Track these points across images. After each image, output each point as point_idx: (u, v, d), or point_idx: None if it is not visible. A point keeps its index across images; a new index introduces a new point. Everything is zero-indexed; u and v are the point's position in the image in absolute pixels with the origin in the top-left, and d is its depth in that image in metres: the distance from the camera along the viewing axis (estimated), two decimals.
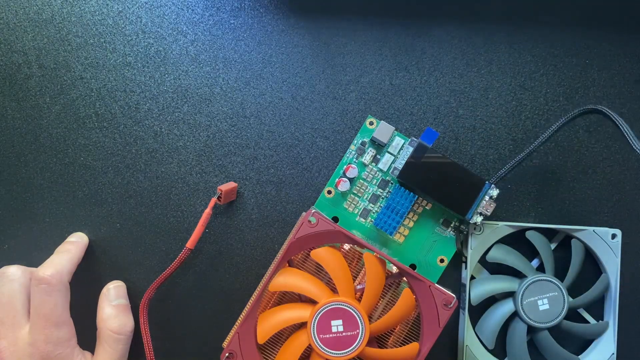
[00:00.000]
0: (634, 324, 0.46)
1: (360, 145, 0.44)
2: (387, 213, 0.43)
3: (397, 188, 0.43)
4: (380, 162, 0.44)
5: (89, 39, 0.45)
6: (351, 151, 0.45)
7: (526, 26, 0.46)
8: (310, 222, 0.39)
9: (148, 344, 0.42)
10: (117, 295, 0.43)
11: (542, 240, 0.43)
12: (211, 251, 0.45)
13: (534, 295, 0.43)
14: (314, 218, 0.39)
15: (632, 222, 0.46)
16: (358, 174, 0.44)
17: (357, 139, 0.45)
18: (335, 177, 0.44)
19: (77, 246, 0.43)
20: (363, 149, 0.44)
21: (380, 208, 0.44)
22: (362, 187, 0.44)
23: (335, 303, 0.38)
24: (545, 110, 0.45)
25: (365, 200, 0.44)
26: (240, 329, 0.40)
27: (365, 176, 0.44)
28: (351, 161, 0.44)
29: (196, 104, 0.45)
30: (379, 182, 0.44)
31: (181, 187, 0.45)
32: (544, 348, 0.44)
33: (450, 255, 0.44)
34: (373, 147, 0.44)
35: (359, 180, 0.44)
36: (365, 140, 0.44)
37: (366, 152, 0.44)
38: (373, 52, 0.45)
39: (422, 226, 0.44)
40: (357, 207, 0.44)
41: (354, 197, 0.44)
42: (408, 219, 0.44)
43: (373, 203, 0.44)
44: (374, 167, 0.44)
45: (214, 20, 0.45)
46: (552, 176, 0.46)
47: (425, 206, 0.44)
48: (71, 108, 0.45)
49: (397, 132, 0.44)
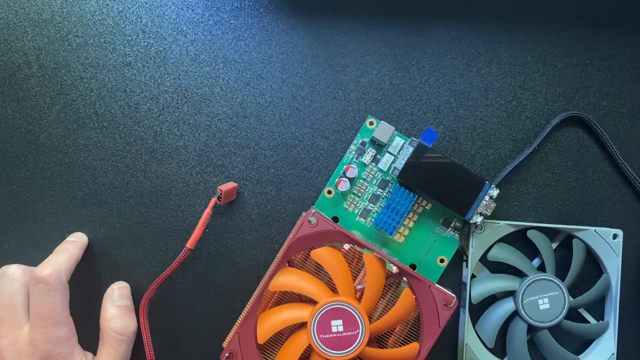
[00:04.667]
0: (634, 325, 0.46)
1: (360, 145, 0.44)
2: (387, 213, 0.43)
3: (397, 188, 0.43)
4: (380, 162, 0.44)
5: (89, 39, 0.45)
6: (351, 151, 0.45)
7: (526, 26, 0.46)
8: (310, 222, 0.39)
9: (148, 344, 0.42)
10: (121, 296, 0.43)
11: (543, 239, 0.43)
12: (211, 251, 0.45)
13: (535, 295, 0.43)
14: (314, 218, 0.39)
15: (633, 222, 0.45)
16: (358, 174, 0.44)
17: (357, 139, 0.45)
18: (336, 177, 0.44)
19: (76, 246, 0.43)
20: (363, 149, 0.44)
21: (380, 208, 0.44)
22: (362, 187, 0.44)
23: (335, 303, 0.38)
24: (545, 110, 0.45)
25: (365, 200, 0.44)
26: (240, 329, 0.39)
27: (365, 176, 0.44)
28: (351, 161, 0.44)
29: (196, 104, 0.45)
30: (379, 182, 0.44)
31: (181, 187, 0.45)
32: (544, 347, 0.44)
33: (451, 255, 0.44)
34: (373, 147, 0.44)
35: (359, 180, 0.44)
36: (365, 140, 0.44)
37: (366, 152, 0.44)
38: (373, 52, 0.45)
39: (422, 226, 0.44)
40: (357, 207, 0.44)
41: (354, 197, 0.44)
42: (408, 219, 0.44)
43: (373, 203, 0.44)
44: (374, 167, 0.44)
45: (214, 20, 0.45)
46: (552, 176, 0.46)
47: (425, 206, 0.44)
48: (71, 108, 0.45)
49: (397, 132, 0.44)
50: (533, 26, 0.46)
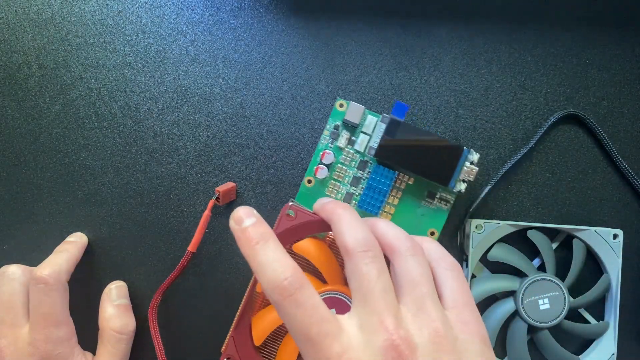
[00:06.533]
0: (634, 325, 0.46)
1: (333, 129, 0.44)
2: (369, 194, 0.42)
3: (376, 167, 0.43)
4: (356, 144, 0.43)
5: (89, 39, 0.45)
6: (325, 137, 0.44)
7: (526, 26, 0.46)
8: (289, 216, 0.38)
9: (159, 348, 0.41)
10: (119, 295, 0.43)
11: (543, 239, 0.43)
12: (211, 251, 0.45)
13: (535, 295, 0.42)
14: (292, 211, 0.38)
15: (633, 222, 0.45)
16: (335, 158, 0.44)
17: (329, 124, 0.44)
18: (314, 166, 0.44)
19: (76, 246, 0.43)
20: (337, 133, 0.44)
21: (362, 190, 0.44)
22: (342, 172, 0.44)
23: (325, 293, 0.38)
24: (546, 110, 0.45)
25: (346, 184, 0.44)
26: (234, 333, 0.39)
27: (343, 160, 0.44)
28: (326, 147, 0.44)
29: (196, 104, 0.45)
30: (358, 163, 0.44)
31: (181, 187, 0.45)
32: (544, 348, 0.44)
33: (440, 227, 0.44)
34: (347, 130, 0.44)
35: (337, 164, 0.44)
36: (338, 123, 0.44)
37: (340, 136, 0.44)
38: (373, 52, 0.45)
39: (407, 202, 0.44)
40: (340, 192, 0.44)
41: (335, 183, 0.44)
42: (392, 196, 0.44)
43: (355, 186, 0.44)
44: (351, 150, 0.44)
45: (214, 20, 0.45)
46: (552, 176, 0.45)
47: (408, 181, 0.44)
48: (71, 108, 0.45)
49: (368, 111, 0.43)
50: (533, 26, 0.46)
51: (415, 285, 0.30)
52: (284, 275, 0.29)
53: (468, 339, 0.30)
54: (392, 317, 0.29)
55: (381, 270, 0.30)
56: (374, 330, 0.28)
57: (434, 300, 0.30)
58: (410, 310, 0.30)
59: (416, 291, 0.30)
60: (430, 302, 0.30)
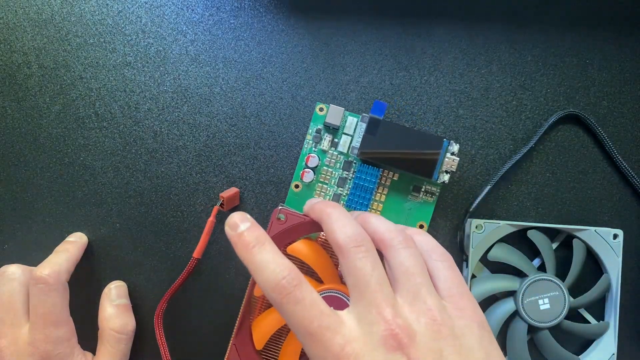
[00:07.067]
0: (634, 325, 0.46)
1: (315, 133, 0.44)
2: (356, 193, 0.43)
3: (360, 166, 0.43)
4: (339, 145, 0.44)
5: (89, 39, 0.45)
6: (308, 141, 0.44)
7: (526, 26, 0.46)
8: (279, 220, 0.39)
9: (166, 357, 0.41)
10: (119, 295, 0.43)
11: (543, 239, 0.43)
12: (212, 252, 0.45)
13: (535, 295, 0.43)
14: (282, 215, 0.39)
15: (633, 222, 0.45)
16: (320, 162, 0.44)
17: (311, 128, 0.44)
18: (299, 170, 0.44)
19: (76, 246, 0.43)
20: (319, 136, 0.44)
21: (349, 190, 0.44)
22: (327, 174, 0.44)
23: (322, 292, 0.38)
24: (546, 110, 0.45)
25: (333, 186, 0.44)
26: (235, 341, 0.39)
27: (327, 162, 0.44)
28: (310, 151, 0.44)
29: (196, 104, 0.45)
30: (343, 164, 0.44)
31: (181, 187, 0.45)
32: (544, 348, 0.44)
33: (428, 219, 0.44)
34: (329, 132, 0.44)
35: (323, 167, 0.44)
36: (320, 127, 0.44)
37: (323, 139, 0.44)
38: (373, 52, 0.45)
39: (394, 198, 0.44)
40: (327, 194, 0.44)
41: (322, 186, 0.44)
42: (379, 193, 0.44)
43: (342, 186, 0.44)
44: (334, 152, 0.44)
45: (214, 20, 0.45)
46: (552, 176, 0.45)
47: (393, 177, 0.44)
48: (71, 108, 0.45)
49: (348, 112, 0.44)
50: (533, 26, 0.46)
51: (410, 276, 0.31)
52: (282, 275, 0.29)
53: (466, 324, 0.30)
54: (389, 307, 0.29)
55: (375, 264, 0.31)
56: (373, 322, 0.29)
57: (429, 290, 0.31)
58: (407, 300, 0.30)
59: (411, 281, 0.31)
60: (425, 291, 0.31)
